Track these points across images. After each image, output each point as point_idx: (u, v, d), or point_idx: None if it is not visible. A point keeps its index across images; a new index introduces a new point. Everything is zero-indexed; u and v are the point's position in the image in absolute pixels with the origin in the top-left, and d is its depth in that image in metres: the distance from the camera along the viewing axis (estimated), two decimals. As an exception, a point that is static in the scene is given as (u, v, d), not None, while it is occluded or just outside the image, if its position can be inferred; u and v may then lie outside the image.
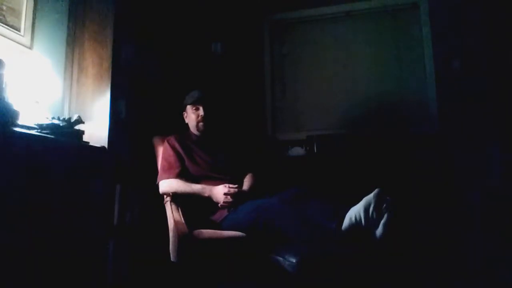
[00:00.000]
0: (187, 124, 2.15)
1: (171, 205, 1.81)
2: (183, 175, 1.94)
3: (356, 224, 1.44)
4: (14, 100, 1.46)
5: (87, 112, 1.97)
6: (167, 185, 1.92)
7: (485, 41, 2.54)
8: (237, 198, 1.81)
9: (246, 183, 1.99)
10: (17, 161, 1.29)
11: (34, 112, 1.68)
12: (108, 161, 1.84)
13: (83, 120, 1.75)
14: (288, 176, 2.54)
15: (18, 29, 1.81)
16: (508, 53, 2.48)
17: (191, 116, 2.09)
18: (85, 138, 1.75)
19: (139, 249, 2.06)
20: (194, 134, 2.12)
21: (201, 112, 2.05)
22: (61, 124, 1.62)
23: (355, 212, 1.45)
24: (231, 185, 1.85)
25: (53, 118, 1.65)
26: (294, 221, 1.57)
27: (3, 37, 1.72)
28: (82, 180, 1.58)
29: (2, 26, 1.72)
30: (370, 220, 1.42)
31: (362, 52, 2.93)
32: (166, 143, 2.05)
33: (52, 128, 1.57)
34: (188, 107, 2.11)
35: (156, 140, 2.15)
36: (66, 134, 1.62)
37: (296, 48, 3.10)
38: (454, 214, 2.39)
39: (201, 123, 2.06)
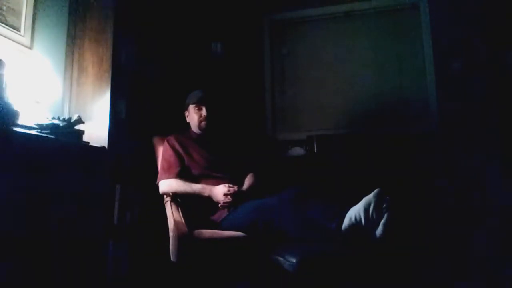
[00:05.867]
0: (188, 123, 2.15)
1: (171, 205, 1.81)
2: (183, 175, 1.94)
3: (356, 224, 1.44)
4: (14, 100, 1.46)
5: (87, 112, 1.97)
6: (167, 185, 1.92)
7: (485, 40, 2.54)
8: (237, 198, 1.81)
9: (246, 183, 1.99)
10: (17, 161, 1.29)
11: (34, 112, 1.68)
12: (108, 161, 1.84)
13: (83, 120, 1.75)
14: (288, 176, 2.54)
15: (18, 29, 1.81)
16: (508, 52, 2.48)
17: (193, 116, 2.09)
18: (85, 138, 1.75)
19: (139, 249, 2.06)
20: (195, 134, 2.12)
21: (204, 112, 2.05)
22: (61, 124, 1.62)
23: (355, 212, 1.45)
24: (231, 185, 1.85)
25: (53, 118, 1.65)
26: (294, 221, 1.57)
27: (3, 37, 1.72)
28: (82, 180, 1.58)
29: (2, 26, 1.72)
30: (370, 220, 1.42)
31: (362, 52, 2.93)
32: (166, 143, 2.05)
33: (52, 128, 1.57)
34: (191, 106, 2.10)
35: (156, 140, 2.15)
36: (66, 134, 1.62)
37: (296, 48, 3.09)
38: (454, 214, 2.38)
39: (203, 123, 2.06)
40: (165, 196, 1.90)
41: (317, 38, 3.04)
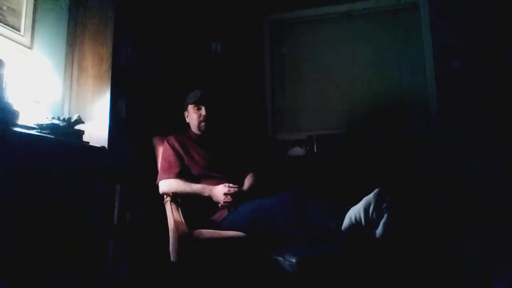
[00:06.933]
0: (187, 123, 2.15)
1: (171, 205, 1.81)
2: (183, 175, 1.94)
3: (356, 224, 1.43)
4: (14, 100, 1.46)
5: (87, 112, 1.97)
6: (167, 185, 1.92)
7: (485, 40, 2.54)
8: (237, 198, 1.81)
9: (246, 183, 1.99)
10: (17, 161, 1.29)
11: (34, 112, 1.68)
12: (108, 161, 1.84)
13: (83, 120, 1.75)
14: (288, 176, 2.54)
15: (18, 29, 1.81)
16: (508, 52, 2.48)
17: (193, 116, 2.09)
18: (85, 138, 1.75)
19: (139, 249, 2.06)
20: (195, 134, 2.12)
21: (203, 112, 2.05)
22: (61, 124, 1.62)
23: (355, 212, 1.45)
24: (231, 185, 1.85)
25: (53, 118, 1.65)
26: (294, 221, 1.57)
27: (3, 37, 1.72)
28: (82, 180, 1.58)
29: (2, 26, 1.72)
30: (370, 220, 1.42)
31: (362, 52, 2.93)
32: (165, 143, 2.04)
33: (52, 128, 1.58)
34: (190, 106, 2.10)
35: (156, 140, 2.15)
36: (66, 134, 1.62)
37: (296, 48, 3.10)
38: (454, 213, 2.39)
39: (202, 123, 2.06)
40: (165, 196, 1.90)
41: (317, 38, 3.04)
